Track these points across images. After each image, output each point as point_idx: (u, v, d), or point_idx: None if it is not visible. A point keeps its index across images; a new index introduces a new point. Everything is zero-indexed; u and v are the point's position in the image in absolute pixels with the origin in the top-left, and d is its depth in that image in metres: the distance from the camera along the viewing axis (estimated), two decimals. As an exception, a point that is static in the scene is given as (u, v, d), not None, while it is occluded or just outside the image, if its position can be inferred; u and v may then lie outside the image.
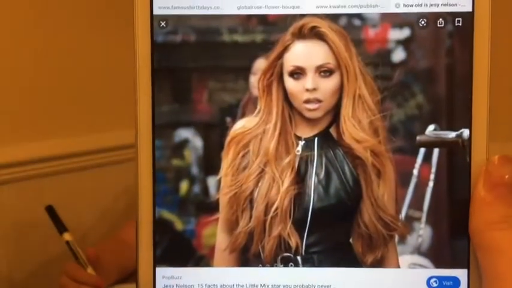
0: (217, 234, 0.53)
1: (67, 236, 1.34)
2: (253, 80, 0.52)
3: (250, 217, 0.52)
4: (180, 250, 0.53)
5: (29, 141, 1.60)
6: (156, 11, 0.51)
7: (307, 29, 0.51)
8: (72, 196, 1.66)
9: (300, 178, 0.52)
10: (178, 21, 0.51)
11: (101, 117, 1.68)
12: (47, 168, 1.64)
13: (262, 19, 0.51)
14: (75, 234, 1.39)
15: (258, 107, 0.52)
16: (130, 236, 1.25)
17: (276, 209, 0.52)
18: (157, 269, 0.52)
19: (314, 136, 0.53)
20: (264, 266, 0.52)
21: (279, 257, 0.52)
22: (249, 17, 0.51)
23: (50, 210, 1.38)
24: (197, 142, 0.52)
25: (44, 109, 1.61)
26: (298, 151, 0.53)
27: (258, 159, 0.52)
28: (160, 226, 0.52)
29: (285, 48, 0.52)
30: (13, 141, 1.57)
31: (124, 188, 1.67)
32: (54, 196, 1.56)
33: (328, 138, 0.53)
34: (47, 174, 1.64)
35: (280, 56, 0.52)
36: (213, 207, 0.52)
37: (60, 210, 1.40)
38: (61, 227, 1.36)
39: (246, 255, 0.52)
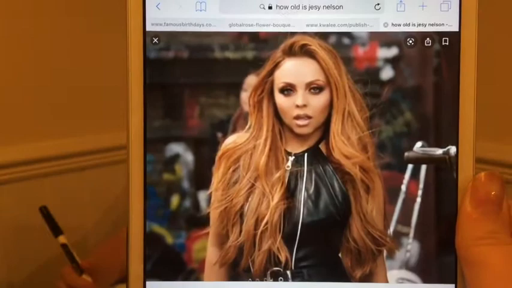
0: (208, 248, 0.53)
1: (62, 239, 1.34)
2: (244, 96, 0.52)
3: (240, 231, 0.53)
4: (170, 264, 0.53)
5: (28, 142, 1.60)
6: (148, 28, 0.51)
7: (297, 47, 0.52)
8: (72, 196, 1.67)
9: (290, 193, 0.53)
10: (171, 37, 0.52)
11: (101, 117, 1.68)
12: (47, 168, 1.64)
13: (254, 36, 0.52)
14: (75, 234, 1.39)
15: (249, 123, 0.53)
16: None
17: (266, 223, 0.52)
18: (148, 283, 0.52)
19: (304, 152, 0.54)
20: (253, 280, 0.53)
21: (269, 272, 0.53)
22: (241, 34, 0.52)
23: (44, 211, 1.37)
24: (188, 157, 0.53)
25: (44, 109, 1.61)
26: (288, 166, 0.53)
27: (248, 174, 0.53)
28: (150, 240, 0.52)
29: (276, 65, 0.52)
30: (12, 142, 1.57)
31: (124, 188, 1.68)
32: (53, 196, 1.56)
33: (318, 154, 0.54)
34: (46, 174, 1.64)
35: (271, 73, 0.53)
36: (204, 222, 0.53)
37: (60, 211, 1.41)
38: (56, 229, 1.36)
39: (236, 270, 0.53)
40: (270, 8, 0.51)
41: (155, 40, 0.52)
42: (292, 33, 0.52)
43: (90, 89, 1.67)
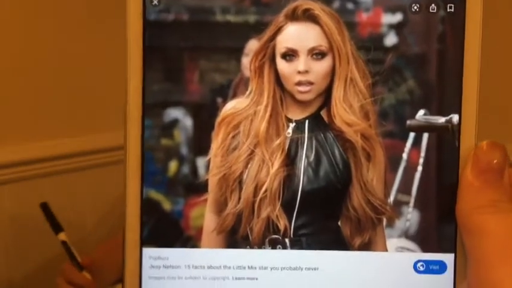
0: (206, 215, 0.52)
1: (62, 236, 1.33)
2: (245, 61, 0.52)
3: (239, 198, 0.52)
4: (168, 231, 0.52)
5: (28, 142, 1.60)
6: None
7: (300, 11, 0.51)
8: (72, 196, 1.66)
9: (290, 160, 0.52)
10: (171, -1, 0.51)
11: (101, 117, 1.67)
12: (47, 168, 1.64)
13: (256, 0, 0.51)
14: (76, 234, 1.38)
15: (250, 89, 0.52)
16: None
17: (265, 190, 0.52)
18: (144, 249, 0.52)
19: (305, 118, 0.54)
20: (251, 247, 0.52)
21: (267, 239, 0.52)
22: (243, -3, 0.51)
23: (45, 208, 1.37)
24: (187, 122, 0.52)
25: (44, 109, 1.61)
26: (288, 133, 0.53)
27: (248, 141, 0.52)
28: (148, 206, 0.52)
29: (278, 30, 0.52)
30: (12, 142, 1.57)
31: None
32: (53, 196, 1.56)
33: (319, 121, 0.53)
34: (46, 174, 1.64)
35: (273, 37, 0.52)
36: (202, 188, 0.52)
37: (60, 211, 1.40)
38: (56, 226, 1.36)
39: (234, 237, 0.52)
40: None
41: (155, 2, 0.51)
42: None
43: (90, 89, 1.67)
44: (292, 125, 0.53)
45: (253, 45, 0.52)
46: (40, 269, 1.61)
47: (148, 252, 0.52)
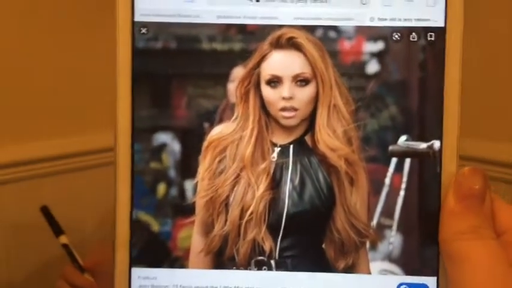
0: (193, 237, 0.54)
1: (63, 239, 1.34)
2: (231, 87, 0.53)
3: (226, 221, 0.54)
4: (156, 251, 0.54)
5: (28, 141, 1.60)
6: (137, 18, 0.52)
7: (284, 39, 0.52)
8: (72, 196, 1.67)
9: (275, 184, 0.54)
10: (159, 28, 0.52)
11: (102, 117, 1.68)
12: (47, 168, 1.64)
13: (241, 29, 0.52)
14: (75, 235, 1.39)
15: (236, 114, 0.54)
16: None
17: (251, 213, 0.53)
18: (133, 269, 0.53)
19: (289, 143, 0.55)
20: (238, 268, 0.53)
21: (253, 261, 0.53)
22: (228, 26, 0.52)
23: (45, 211, 1.37)
24: (175, 146, 0.53)
25: (44, 109, 1.61)
26: (273, 157, 0.54)
27: (234, 165, 0.54)
28: (136, 227, 0.53)
29: (263, 58, 0.53)
30: (12, 142, 1.57)
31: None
32: (53, 196, 1.56)
33: (303, 146, 0.54)
34: (46, 174, 1.64)
35: (258, 64, 0.53)
36: (190, 210, 0.54)
37: (60, 211, 1.40)
38: (57, 229, 1.36)
39: (221, 258, 0.54)
40: (257, 0, 0.52)
41: (143, 30, 0.52)
42: (280, 26, 0.52)
43: (91, 89, 1.67)
44: (277, 150, 0.54)
45: (238, 72, 0.53)
46: (40, 270, 1.61)
47: (137, 272, 0.53)
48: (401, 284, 0.53)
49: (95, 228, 1.72)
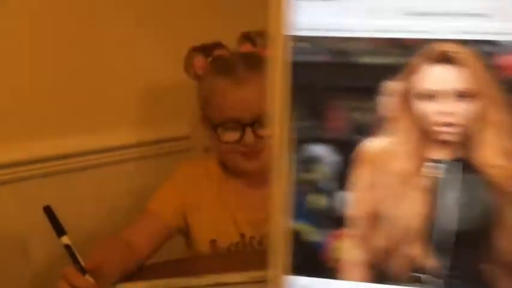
0: (349, 249, 0.54)
1: (65, 240, 1.32)
2: (386, 101, 0.53)
3: (383, 234, 0.53)
4: (313, 261, 0.54)
5: (28, 141, 1.59)
6: (293, 32, 0.52)
7: (443, 54, 0.52)
8: (73, 196, 1.65)
9: (434, 200, 0.53)
10: (315, 42, 0.53)
11: (102, 118, 1.67)
12: (48, 168, 1.63)
13: (397, 42, 0.52)
14: (76, 234, 1.38)
15: (391, 128, 0.53)
16: (133, 237, 1.25)
17: (409, 229, 0.53)
18: (291, 277, 0.53)
19: (447, 159, 0.54)
20: (393, 283, 0.53)
21: (409, 276, 0.53)
22: (384, 40, 0.53)
23: (48, 211, 1.36)
24: (331, 158, 0.54)
25: (44, 109, 1.60)
26: (431, 173, 0.53)
27: (390, 179, 0.54)
28: (293, 236, 0.54)
29: (419, 71, 0.53)
30: (12, 142, 1.56)
31: (125, 188, 1.67)
32: (54, 196, 1.55)
33: (463, 163, 0.53)
34: (47, 174, 1.62)
35: (413, 79, 0.53)
36: (345, 222, 0.54)
37: (61, 211, 1.39)
38: (59, 229, 1.35)
39: (377, 271, 0.54)
40: (415, 14, 0.52)
41: (300, 44, 0.52)
42: (437, 40, 0.52)
43: (91, 89, 1.66)
44: (434, 165, 0.54)
45: (393, 85, 0.53)
46: (41, 270, 1.60)
47: (296, 280, 0.54)
48: None
49: (95, 228, 1.71)
